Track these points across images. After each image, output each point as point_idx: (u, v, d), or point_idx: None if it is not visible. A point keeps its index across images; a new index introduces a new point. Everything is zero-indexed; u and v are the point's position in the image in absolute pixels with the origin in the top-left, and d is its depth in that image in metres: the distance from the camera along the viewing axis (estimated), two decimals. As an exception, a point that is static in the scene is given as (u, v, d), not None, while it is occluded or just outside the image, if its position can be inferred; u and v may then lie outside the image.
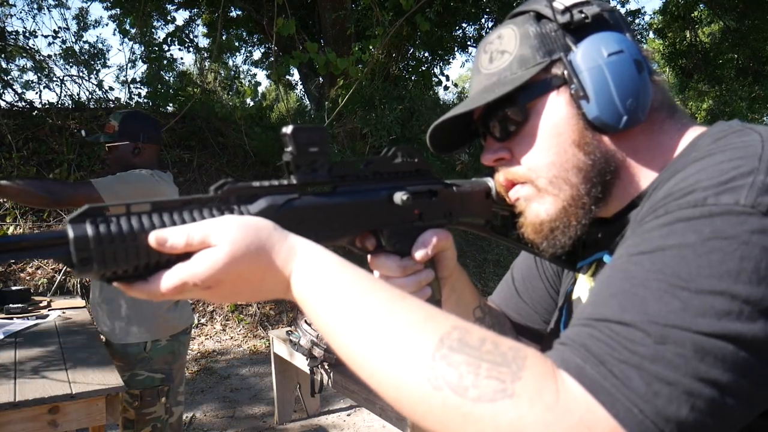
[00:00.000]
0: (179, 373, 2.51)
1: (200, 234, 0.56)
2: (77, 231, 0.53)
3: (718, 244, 0.51)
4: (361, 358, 0.55)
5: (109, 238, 0.54)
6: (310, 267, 0.59)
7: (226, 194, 0.62)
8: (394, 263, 0.77)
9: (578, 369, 0.50)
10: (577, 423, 0.47)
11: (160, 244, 0.56)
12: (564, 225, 0.73)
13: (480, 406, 0.48)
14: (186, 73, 9.39)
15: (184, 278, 0.56)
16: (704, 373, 0.48)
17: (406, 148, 0.80)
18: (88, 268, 0.53)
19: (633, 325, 0.50)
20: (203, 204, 0.61)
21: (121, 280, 0.57)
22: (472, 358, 0.50)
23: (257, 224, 0.59)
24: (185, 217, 0.59)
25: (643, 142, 0.73)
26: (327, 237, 0.68)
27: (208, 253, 0.56)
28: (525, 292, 0.98)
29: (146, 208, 0.57)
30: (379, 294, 0.56)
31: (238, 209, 0.62)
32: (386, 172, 0.77)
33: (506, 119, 0.74)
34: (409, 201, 0.75)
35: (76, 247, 0.53)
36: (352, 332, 0.55)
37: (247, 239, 0.57)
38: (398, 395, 0.53)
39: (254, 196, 0.64)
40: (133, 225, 0.56)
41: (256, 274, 0.58)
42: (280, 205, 0.65)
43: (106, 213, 0.55)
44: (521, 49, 0.73)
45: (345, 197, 0.71)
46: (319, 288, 0.58)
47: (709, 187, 0.55)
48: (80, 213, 0.54)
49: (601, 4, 0.73)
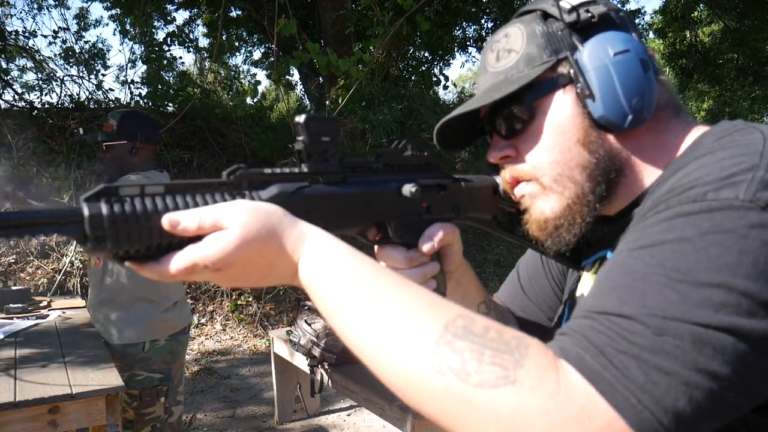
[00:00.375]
0: (178, 372, 2.51)
1: (212, 217, 0.57)
2: (92, 209, 0.53)
3: (717, 238, 0.52)
4: (364, 342, 0.55)
5: (123, 217, 0.54)
6: (318, 253, 0.59)
7: (238, 179, 0.63)
8: (401, 254, 0.78)
9: (578, 358, 0.50)
10: (577, 412, 0.48)
11: (172, 226, 0.56)
12: (569, 223, 0.74)
13: (482, 392, 0.49)
14: (186, 73, 9.39)
15: (195, 259, 0.56)
16: (702, 364, 0.48)
17: (416, 141, 0.80)
18: (102, 246, 0.54)
19: (632, 317, 0.51)
20: (215, 188, 0.61)
21: (133, 260, 0.58)
22: (475, 344, 0.51)
23: (268, 209, 0.60)
24: (197, 200, 0.60)
25: (647, 140, 0.73)
26: (336, 226, 0.69)
27: (219, 236, 0.57)
28: (530, 289, 0.99)
29: (159, 189, 0.58)
30: (385, 280, 0.57)
31: (249, 194, 0.63)
32: (396, 165, 0.78)
33: (512, 117, 0.75)
34: (418, 193, 0.76)
35: (91, 225, 0.53)
36: (356, 316, 0.56)
37: (257, 223, 0.57)
38: (401, 380, 0.53)
39: (266, 182, 0.65)
40: (147, 206, 0.56)
41: (265, 258, 0.58)
42: (290, 192, 0.65)
43: (120, 193, 0.56)
44: (528, 47, 0.74)
45: (355, 187, 0.72)
46: (326, 273, 0.58)
47: (709, 182, 0.56)
48: (95, 192, 0.54)
49: (608, 3, 0.74)
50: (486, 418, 0.49)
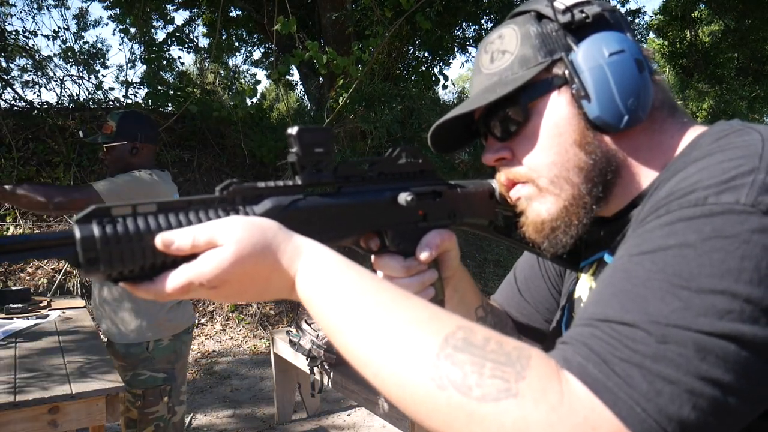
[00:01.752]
0: (181, 372, 2.52)
1: (206, 235, 0.57)
2: (84, 231, 0.53)
3: (719, 244, 0.51)
4: (365, 357, 0.55)
5: (115, 238, 0.54)
6: (314, 267, 0.59)
7: (231, 195, 0.63)
8: (398, 264, 0.77)
9: (580, 368, 0.50)
10: (581, 423, 0.47)
11: (166, 246, 0.56)
12: (565, 224, 0.74)
13: (484, 405, 0.48)
14: (186, 73, 9.39)
15: (190, 278, 0.56)
16: (705, 372, 0.48)
17: (411, 148, 0.80)
18: (95, 268, 0.54)
19: (635, 324, 0.50)
20: (209, 204, 0.61)
21: (127, 281, 0.57)
22: (476, 357, 0.50)
23: (262, 224, 0.59)
24: (191, 218, 0.59)
25: (643, 141, 0.73)
26: (332, 237, 0.68)
27: (214, 253, 0.56)
28: (527, 291, 0.99)
29: (152, 208, 0.58)
30: (384, 293, 0.57)
31: (243, 210, 0.63)
32: (390, 173, 0.78)
33: (507, 119, 0.75)
34: (414, 202, 0.75)
35: (83, 248, 0.53)
36: (356, 331, 0.55)
37: (252, 239, 0.57)
38: (402, 394, 0.53)
39: (259, 196, 0.65)
40: (140, 225, 0.56)
41: (261, 274, 0.58)
42: (285, 206, 0.65)
43: (113, 214, 0.55)
44: (522, 48, 0.73)
45: (350, 198, 0.72)
46: (324, 287, 0.58)
47: (709, 186, 0.55)
48: (86, 214, 0.54)
49: (602, 3, 0.73)
50: (489, 431, 0.48)
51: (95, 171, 6.04)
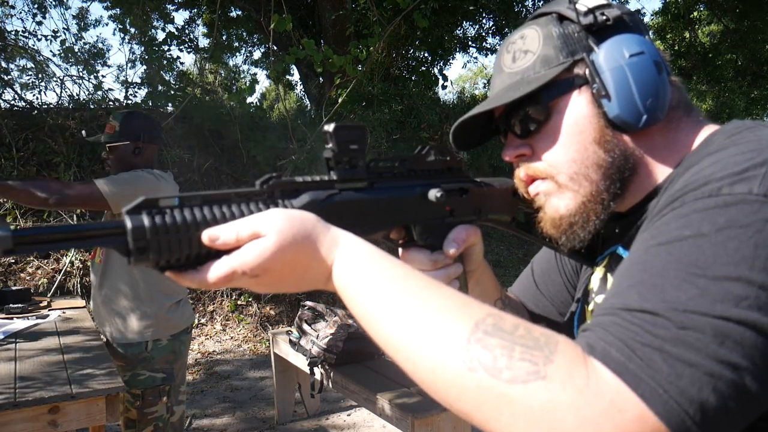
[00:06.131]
0: (180, 372, 2.51)
1: (250, 229, 0.59)
2: (134, 221, 0.55)
3: (734, 233, 0.53)
4: (398, 342, 0.56)
5: (164, 228, 0.56)
6: (351, 257, 0.61)
7: (271, 188, 0.65)
8: (425, 257, 0.80)
9: (604, 352, 0.51)
10: (608, 406, 0.48)
11: (212, 240, 0.58)
12: (583, 220, 0.76)
13: (513, 387, 0.50)
14: (186, 73, 9.39)
15: (234, 267, 0.58)
16: (724, 356, 0.49)
17: (439, 146, 0.82)
18: (145, 256, 0.56)
19: (654, 312, 0.52)
20: (250, 198, 0.64)
21: (173, 269, 0.59)
22: (506, 341, 0.52)
23: (302, 216, 0.61)
24: (234, 210, 0.61)
25: (660, 139, 0.75)
26: (364, 230, 0.71)
27: (257, 243, 0.58)
28: (543, 284, 1.02)
29: (197, 201, 0.60)
30: (416, 282, 0.59)
31: (282, 203, 0.65)
32: (420, 170, 0.80)
33: (528, 117, 0.77)
34: (443, 198, 0.78)
35: (133, 237, 0.55)
36: (389, 318, 0.57)
37: (293, 229, 0.59)
38: (433, 377, 0.54)
39: (297, 190, 0.67)
40: (187, 216, 0.58)
41: (301, 263, 0.60)
42: (321, 200, 0.68)
43: (161, 205, 0.58)
44: (544, 49, 0.76)
45: (382, 193, 0.75)
46: (359, 276, 0.60)
47: (723, 177, 0.57)
48: (136, 205, 0.56)
49: (621, 6, 0.76)
50: (517, 413, 0.49)
51: (95, 171, 6.04)
